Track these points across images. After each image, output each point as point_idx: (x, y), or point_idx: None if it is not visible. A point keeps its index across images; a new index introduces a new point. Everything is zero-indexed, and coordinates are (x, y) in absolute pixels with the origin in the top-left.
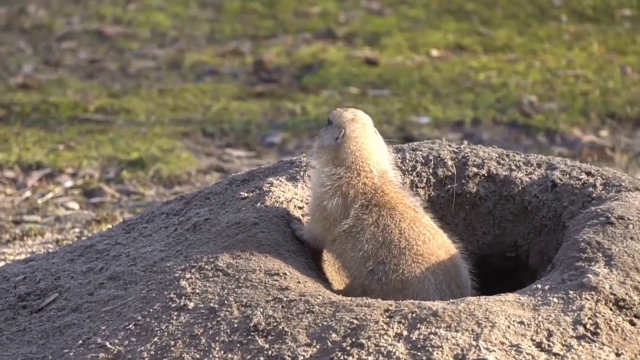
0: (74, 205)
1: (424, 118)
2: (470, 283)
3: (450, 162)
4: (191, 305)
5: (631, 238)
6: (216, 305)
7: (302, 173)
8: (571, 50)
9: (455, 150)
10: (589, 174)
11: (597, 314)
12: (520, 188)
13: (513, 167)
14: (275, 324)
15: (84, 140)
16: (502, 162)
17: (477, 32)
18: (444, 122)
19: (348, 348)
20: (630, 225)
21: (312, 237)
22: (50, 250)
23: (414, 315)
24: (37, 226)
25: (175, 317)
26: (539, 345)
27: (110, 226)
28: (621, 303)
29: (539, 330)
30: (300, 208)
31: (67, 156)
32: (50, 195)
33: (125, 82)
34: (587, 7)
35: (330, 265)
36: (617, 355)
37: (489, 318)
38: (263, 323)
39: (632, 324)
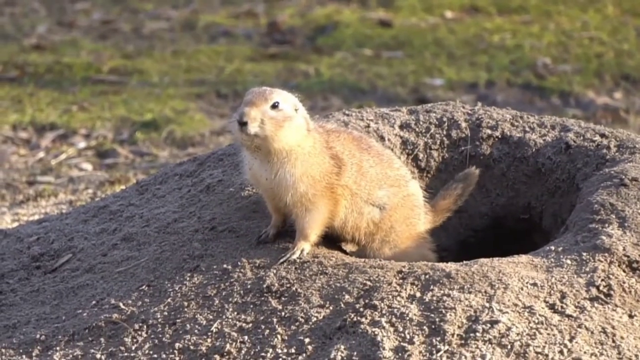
0: (88, 166)
1: (437, 80)
2: None
3: (464, 124)
4: (204, 266)
5: None
6: (229, 267)
7: None
8: (586, 12)
9: (469, 112)
10: (602, 135)
11: (610, 276)
12: (534, 150)
13: (527, 129)
14: (288, 285)
15: (98, 101)
16: (516, 124)
17: None
18: (458, 84)
19: (361, 309)
20: None
21: (320, 224)
22: (64, 211)
23: (427, 277)
24: (51, 187)
25: (188, 278)
26: (552, 306)
27: (123, 187)
28: (634, 265)
29: (552, 292)
30: None
31: (80, 117)
32: (63, 156)
33: (139, 43)
34: None
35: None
36: (630, 316)
37: (502, 280)
38: (276, 284)
39: None
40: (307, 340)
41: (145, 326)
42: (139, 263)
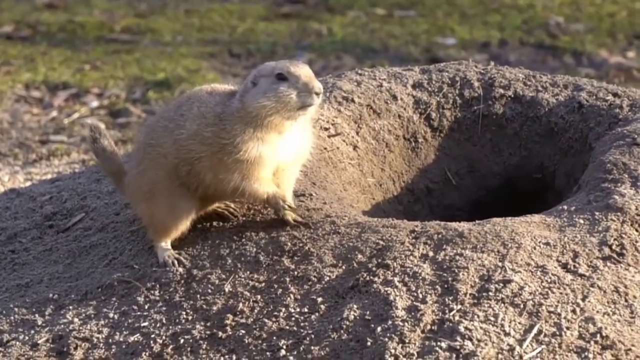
0: (100, 125)
1: (450, 39)
2: None
3: (476, 84)
4: (217, 225)
5: None
6: (242, 226)
7: (327, 94)
8: None
9: (482, 71)
10: (615, 95)
11: (623, 235)
12: (546, 109)
13: (539, 88)
14: (301, 244)
15: (110, 60)
16: (528, 83)
17: None
18: (471, 43)
19: (374, 269)
20: None
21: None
22: (77, 170)
23: (440, 236)
24: (64, 146)
25: (201, 238)
26: (564, 266)
27: None
28: None
29: (564, 251)
30: (326, 129)
31: (93, 76)
32: (76, 115)
33: (152, 2)
34: None
35: (355, 187)
36: None
37: (514, 239)
38: (289, 244)
39: None
40: (319, 299)
41: (157, 285)
42: None
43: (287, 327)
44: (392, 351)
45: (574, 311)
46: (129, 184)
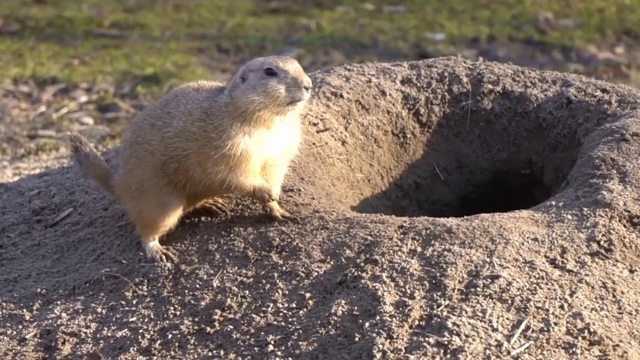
0: (89, 120)
1: (439, 34)
2: None
3: (465, 79)
4: (205, 221)
5: None
6: (231, 221)
7: (316, 89)
8: None
9: (471, 67)
10: (604, 90)
11: (611, 231)
12: (535, 105)
13: (528, 84)
14: (289, 240)
15: (99, 55)
16: (517, 79)
17: None
18: (460, 39)
19: (362, 264)
20: None
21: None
22: (65, 165)
23: (428, 231)
24: (52, 141)
25: (189, 233)
26: (552, 261)
27: None
28: (635, 220)
29: (552, 246)
30: (315, 124)
31: (81, 71)
32: (65, 110)
33: None
34: None
35: (343, 182)
36: (631, 271)
37: (502, 235)
38: (277, 239)
39: None
40: (307, 295)
41: (145, 280)
42: None
43: (275, 323)
44: (380, 347)
45: (561, 307)
46: (118, 182)
